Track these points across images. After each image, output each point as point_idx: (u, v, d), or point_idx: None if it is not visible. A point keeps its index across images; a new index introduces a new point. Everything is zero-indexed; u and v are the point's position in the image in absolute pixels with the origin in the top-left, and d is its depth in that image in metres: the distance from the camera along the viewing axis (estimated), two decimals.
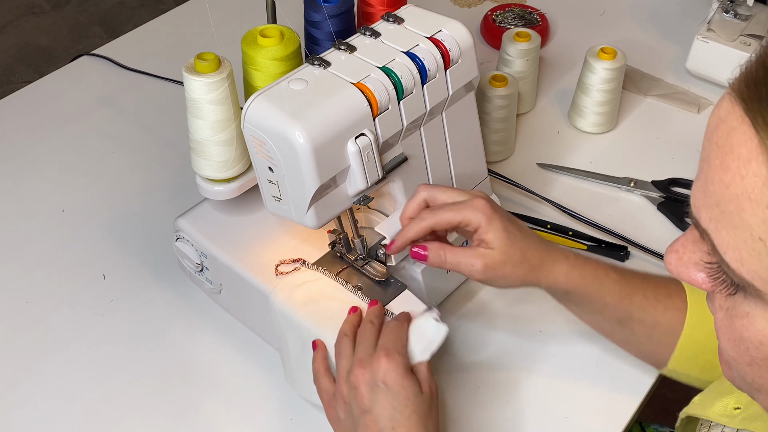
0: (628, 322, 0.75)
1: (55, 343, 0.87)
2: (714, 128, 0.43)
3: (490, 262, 0.71)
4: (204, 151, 0.78)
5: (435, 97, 0.78)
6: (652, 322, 0.75)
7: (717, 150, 0.42)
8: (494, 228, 0.71)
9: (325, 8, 0.81)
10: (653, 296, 0.75)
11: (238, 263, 0.83)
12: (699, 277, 0.47)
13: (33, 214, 1.01)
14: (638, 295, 0.74)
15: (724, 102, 0.42)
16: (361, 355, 0.69)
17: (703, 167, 0.44)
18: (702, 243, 0.45)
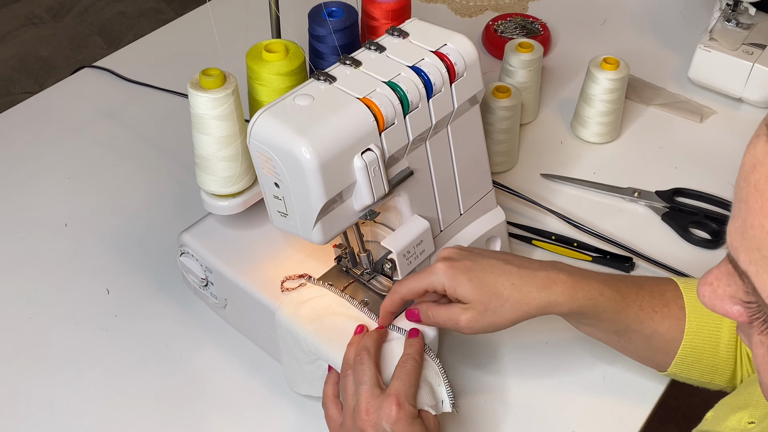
0: (625, 333, 0.75)
1: (59, 358, 0.87)
2: (751, 169, 0.42)
3: (470, 316, 0.71)
4: (209, 167, 0.78)
5: (440, 111, 0.78)
6: (650, 332, 0.75)
7: (756, 194, 0.41)
8: (459, 284, 0.71)
9: (329, 23, 0.81)
10: (649, 307, 0.74)
11: (243, 278, 0.82)
12: (735, 311, 0.47)
13: (36, 228, 1.01)
14: (634, 307, 0.74)
15: (760, 142, 0.41)
16: (368, 397, 0.69)
17: (740, 208, 0.42)
18: (736, 277, 0.45)
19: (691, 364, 0.76)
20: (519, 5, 1.38)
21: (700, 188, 1.05)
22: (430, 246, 0.82)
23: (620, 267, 0.95)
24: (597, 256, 0.96)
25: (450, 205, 0.85)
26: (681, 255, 0.97)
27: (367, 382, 0.70)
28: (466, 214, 0.87)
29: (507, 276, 0.71)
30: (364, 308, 0.78)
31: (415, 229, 0.80)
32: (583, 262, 0.96)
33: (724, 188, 1.05)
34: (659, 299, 0.75)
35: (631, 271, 0.96)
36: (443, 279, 0.72)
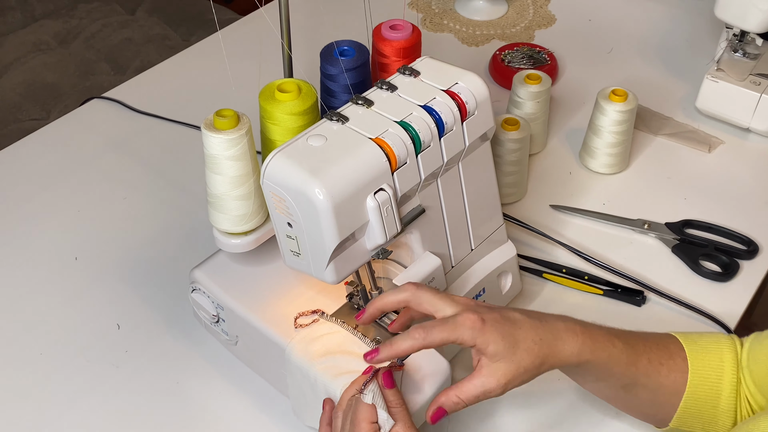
0: (632, 388, 0.75)
1: (70, 395, 0.87)
2: None
3: (503, 378, 0.67)
4: (222, 206, 0.78)
5: (452, 149, 0.78)
6: (656, 385, 0.75)
7: None
8: (491, 340, 0.67)
9: (341, 62, 0.82)
10: (657, 359, 0.74)
11: (254, 315, 0.82)
12: None
13: (46, 261, 1.01)
14: (643, 360, 0.73)
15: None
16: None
17: None
18: None
19: (693, 416, 0.76)
20: (525, 34, 1.38)
21: (709, 219, 1.05)
22: (442, 283, 0.82)
23: (631, 300, 0.95)
24: (608, 290, 0.96)
25: (461, 241, 0.85)
26: (692, 288, 0.97)
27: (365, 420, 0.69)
28: (477, 249, 0.88)
29: (533, 329, 0.69)
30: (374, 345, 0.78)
31: (427, 266, 0.80)
32: (595, 295, 0.96)
33: (733, 219, 1.05)
34: (665, 351, 0.75)
35: (643, 304, 0.95)
36: (475, 333, 0.67)
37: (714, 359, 0.75)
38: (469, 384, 0.68)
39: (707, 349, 0.76)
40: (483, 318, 0.68)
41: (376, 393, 0.70)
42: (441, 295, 0.71)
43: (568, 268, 0.98)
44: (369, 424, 0.68)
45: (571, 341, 0.70)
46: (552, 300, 0.96)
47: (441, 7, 1.45)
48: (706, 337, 0.77)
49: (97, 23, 1.89)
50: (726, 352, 0.75)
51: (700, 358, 0.75)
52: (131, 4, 1.99)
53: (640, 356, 0.73)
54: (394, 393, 0.71)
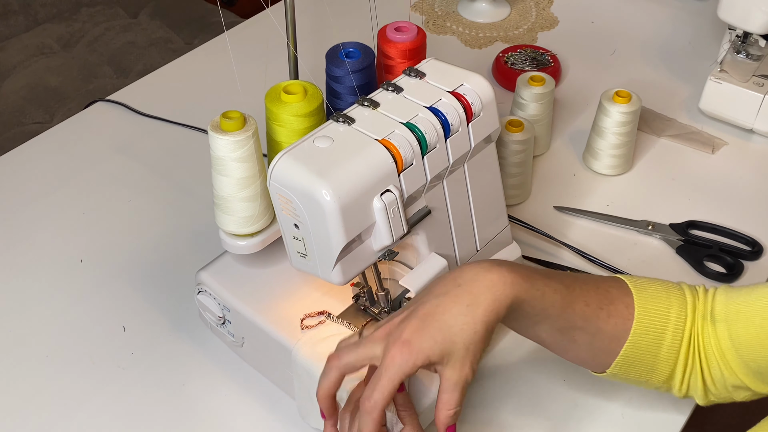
0: (569, 331, 0.72)
1: (76, 397, 0.87)
2: None
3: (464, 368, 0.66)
4: (228, 207, 0.78)
5: (458, 151, 0.78)
6: (595, 329, 0.72)
7: None
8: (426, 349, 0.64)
9: (347, 63, 0.82)
10: (596, 303, 0.72)
11: (261, 317, 0.83)
12: None
13: (51, 265, 1.01)
14: (580, 303, 0.71)
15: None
16: None
17: None
18: None
19: (633, 363, 0.74)
20: (528, 36, 1.38)
21: (713, 220, 1.05)
22: None
23: None
24: None
25: (467, 242, 0.85)
26: None
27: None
28: (482, 250, 0.88)
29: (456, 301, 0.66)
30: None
31: (433, 267, 0.81)
32: None
33: (737, 220, 1.05)
34: (605, 295, 0.73)
35: None
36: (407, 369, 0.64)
37: (662, 307, 0.73)
38: (445, 395, 0.66)
39: (656, 296, 0.74)
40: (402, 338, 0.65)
41: None
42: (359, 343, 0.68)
43: (572, 270, 0.98)
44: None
45: (500, 289, 0.67)
46: None
47: (444, 9, 1.45)
48: (657, 284, 0.76)
49: (99, 27, 1.90)
50: (674, 300, 0.74)
51: (648, 306, 0.73)
52: (134, 7, 2.00)
53: (577, 298, 0.71)
54: (403, 396, 0.71)
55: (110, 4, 1.99)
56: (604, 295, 0.73)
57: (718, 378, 0.74)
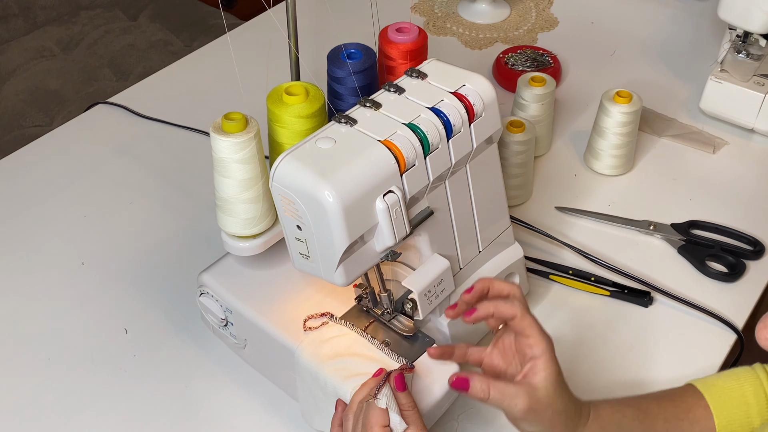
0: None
1: (78, 399, 0.87)
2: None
3: (534, 403, 0.67)
4: (230, 209, 0.78)
5: (460, 151, 0.78)
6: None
7: None
8: (549, 368, 0.68)
9: (349, 64, 0.82)
10: (674, 417, 0.74)
11: (263, 319, 0.82)
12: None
13: (52, 267, 1.01)
14: (659, 421, 0.73)
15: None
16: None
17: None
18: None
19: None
20: (528, 37, 1.39)
21: (714, 220, 1.05)
22: (450, 285, 0.82)
23: (638, 301, 0.95)
24: (615, 291, 0.96)
25: (469, 242, 0.85)
26: (698, 289, 0.97)
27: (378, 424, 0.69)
28: (484, 251, 0.88)
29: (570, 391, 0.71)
30: (385, 348, 0.78)
31: (436, 268, 0.80)
32: (601, 296, 0.96)
33: (738, 220, 1.05)
34: (682, 406, 0.75)
35: (650, 305, 0.95)
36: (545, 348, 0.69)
37: (736, 397, 0.75)
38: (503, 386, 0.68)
39: (727, 388, 0.75)
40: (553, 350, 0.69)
41: (389, 397, 0.70)
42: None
43: (574, 270, 0.98)
44: (381, 428, 0.68)
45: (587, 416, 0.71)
46: (559, 301, 0.96)
47: (444, 10, 1.45)
48: (724, 376, 0.77)
49: (99, 29, 1.89)
50: (746, 385, 0.75)
51: (722, 402, 0.75)
52: (133, 10, 2.00)
53: (656, 418, 0.73)
54: (406, 396, 0.71)
55: (110, 6, 1.99)
56: (681, 405, 0.75)
57: None
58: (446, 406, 0.80)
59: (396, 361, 0.77)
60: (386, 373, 0.72)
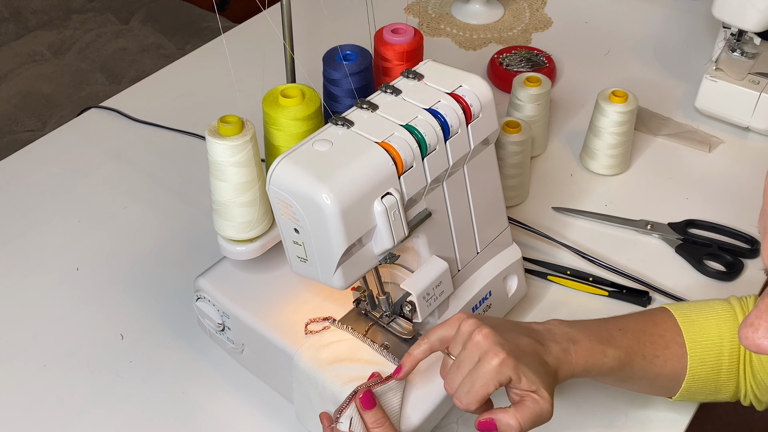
0: (630, 380, 0.77)
1: (74, 406, 0.86)
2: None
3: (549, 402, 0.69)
4: (227, 213, 0.78)
5: (457, 152, 0.78)
6: (654, 375, 0.76)
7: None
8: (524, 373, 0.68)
9: (345, 66, 0.81)
10: (651, 353, 0.75)
11: (261, 323, 0.82)
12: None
13: (47, 273, 1.00)
14: (637, 358, 0.75)
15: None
16: None
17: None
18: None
19: (696, 391, 0.77)
20: (522, 38, 1.38)
21: (711, 219, 1.05)
22: (449, 287, 0.82)
23: (637, 301, 0.95)
24: (613, 291, 0.96)
25: (467, 244, 0.85)
26: (696, 288, 0.97)
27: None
28: (483, 252, 0.87)
29: (545, 354, 0.71)
30: (384, 352, 0.78)
31: (434, 270, 0.80)
32: (600, 296, 0.96)
33: (735, 218, 1.05)
34: (659, 342, 0.76)
35: (648, 305, 0.95)
36: (510, 373, 0.68)
37: (713, 336, 0.76)
38: (525, 408, 0.68)
39: (705, 327, 0.76)
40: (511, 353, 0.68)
41: (354, 418, 0.70)
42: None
43: (572, 270, 0.98)
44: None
45: (564, 361, 0.72)
46: (557, 302, 0.96)
47: (438, 11, 1.45)
48: (706, 309, 0.78)
49: (91, 33, 1.88)
50: (724, 322, 0.76)
51: (699, 340, 0.75)
52: (125, 13, 1.99)
53: (635, 355, 0.74)
54: (374, 413, 0.71)
55: (101, 10, 1.98)
56: (659, 341, 0.76)
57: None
58: (444, 411, 0.80)
59: (394, 364, 0.76)
60: (351, 393, 0.72)
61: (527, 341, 0.71)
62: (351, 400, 0.72)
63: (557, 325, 0.74)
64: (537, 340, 0.72)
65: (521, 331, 0.72)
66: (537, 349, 0.71)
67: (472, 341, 0.69)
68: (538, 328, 0.74)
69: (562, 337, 0.73)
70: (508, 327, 0.72)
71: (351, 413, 0.71)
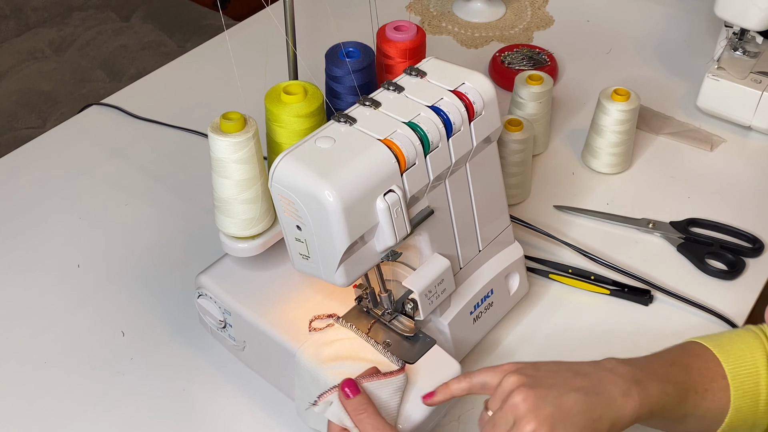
0: (683, 420, 0.74)
1: (75, 404, 0.86)
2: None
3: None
4: (229, 210, 0.77)
5: (460, 150, 0.78)
6: (703, 411, 0.74)
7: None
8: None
9: (347, 63, 0.81)
10: (702, 387, 0.73)
11: (262, 320, 0.82)
12: None
13: (47, 271, 1.00)
14: (691, 393, 0.73)
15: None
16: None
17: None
18: None
19: (737, 425, 0.75)
20: (524, 36, 1.38)
21: (713, 218, 1.05)
22: (451, 284, 0.82)
23: (639, 300, 0.95)
24: (615, 289, 0.96)
25: (469, 242, 0.85)
26: (698, 287, 0.97)
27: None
28: (484, 250, 0.87)
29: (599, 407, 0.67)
30: (386, 351, 0.78)
31: (436, 267, 0.80)
32: (601, 295, 0.96)
33: (737, 217, 1.05)
34: (706, 375, 0.74)
35: (650, 303, 0.95)
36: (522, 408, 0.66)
37: (748, 364, 0.74)
38: None
39: (740, 356, 0.75)
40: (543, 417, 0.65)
41: (335, 403, 0.71)
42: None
43: (574, 269, 0.98)
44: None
45: (629, 406, 0.68)
46: (559, 300, 0.96)
47: (439, 9, 1.44)
48: (736, 341, 0.76)
49: (91, 31, 1.88)
50: (756, 349, 0.75)
51: (738, 371, 0.74)
52: (126, 11, 1.99)
53: (689, 390, 0.72)
54: (357, 401, 0.71)
55: (102, 8, 1.97)
56: (705, 375, 0.74)
57: None
58: (445, 408, 0.80)
59: (396, 365, 0.76)
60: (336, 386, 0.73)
61: (575, 398, 0.67)
62: (334, 388, 0.73)
63: (617, 365, 0.71)
64: (591, 390, 0.68)
65: (572, 384, 0.68)
66: (588, 405, 0.67)
67: (510, 402, 0.67)
68: (596, 374, 0.70)
69: (624, 378, 0.69)
70: (558, 380, 0.68)
71: (331, 399, 0.72)
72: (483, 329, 0.89)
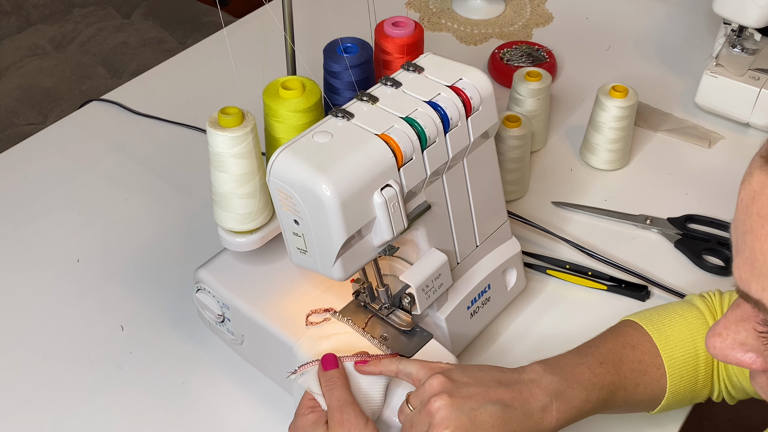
0: (610, 411, 0.76)
1: (74, 397, 0.86)
2: (750, 202, 0.44)
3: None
4: (227, 204, 0.78)
5: (457, 145, 0.78)
6: (635, 402, 0.76)
7: (760, 220, 0.43)
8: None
9: (345, 58, 0.81)
10: (632, 385, 0.74)
11: (260, 314, 0.82)
12: (747, 358, 0.48)
13: (47, 265, 1.00)
14: (619, 392, 0.74)
15: (755, 174, 0.44)
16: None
17: (746, 240, 0.44)
18: (746, 322, 0.47)
19: (674, 404, 0.78)
20: (523, 33, 1.38)
21: (711, 214, 1.05)
22: (448, 279, 0.82)
23: (636, 295, 0.95)
24: (612, 285, 0.96)
25: (466, 237, 0.85)
26: (696, 282, 0.97)
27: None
28: (482, 245, 0.87)
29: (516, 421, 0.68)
30: (383, 346, 0.78)
31: (434, 262, 0.80)
32: (599, 291, 0.96)
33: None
34: (638, 369, 0.75)
35: (647, 299, 0.95)
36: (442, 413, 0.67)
37: (687, 347, 0.75)
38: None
39: (678, 339, 0.76)
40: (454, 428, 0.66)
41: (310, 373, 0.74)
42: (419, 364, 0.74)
43: (571, 264, 0.98)
44: (304, 409, 0.72)
45: (546, 421, 0.69)
46: (556, 296, 0.96)
47: (438, 6, 1.45)
48: (677, 321, 0.77)
49: (92, 27, 1.88)
50: (695, 329, 0.76)
51: (675, 356, 0.75)
52: (126, 7, 1.99)
53: (617, 390, 0.73)
54: (332, 374, 0.73)
55: (103, 4, 1.98)
56: (638, 367, 0.75)
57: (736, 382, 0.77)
58: None
59: None
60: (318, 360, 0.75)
61: (491, 411, 0.67)
62: (315, 361, 0.74)
63: (541, 375, 0.71)
64: (509, 403, 0.68)
65: (491, 395, 0.68)
66: (504, 419, 0.67)
67: (428, 408, 0.67)
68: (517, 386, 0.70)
69: (545, 391, 0.70)
70: (480, 390, 0.68)
71: (310, 370, 0.74)
72: (480, 324, 0.89)
